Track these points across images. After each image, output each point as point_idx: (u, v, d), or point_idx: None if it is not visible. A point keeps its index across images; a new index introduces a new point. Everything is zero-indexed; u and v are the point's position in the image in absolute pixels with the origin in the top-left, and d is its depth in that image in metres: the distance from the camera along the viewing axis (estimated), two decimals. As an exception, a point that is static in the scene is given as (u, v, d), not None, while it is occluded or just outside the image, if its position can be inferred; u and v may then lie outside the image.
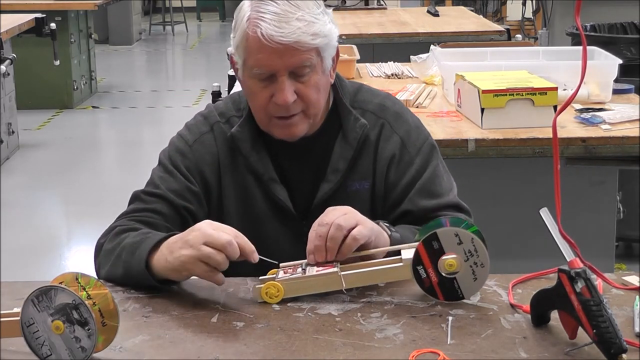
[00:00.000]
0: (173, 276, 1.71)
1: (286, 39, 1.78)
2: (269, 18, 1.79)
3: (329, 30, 1.85)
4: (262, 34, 1.78)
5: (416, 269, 1.66)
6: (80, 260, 4.73)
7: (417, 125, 2.00)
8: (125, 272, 1.76)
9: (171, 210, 1.92)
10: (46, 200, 5.75)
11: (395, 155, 1.94)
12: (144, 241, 1.76)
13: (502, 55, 3.64)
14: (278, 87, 1.83)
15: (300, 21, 1.79)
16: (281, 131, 1.90)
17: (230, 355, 1.49)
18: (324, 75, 1.87)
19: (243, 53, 1.84)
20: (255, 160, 1.94)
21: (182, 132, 2.01)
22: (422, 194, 1.92)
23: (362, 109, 1.98)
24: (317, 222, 1.71)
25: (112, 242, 1.83)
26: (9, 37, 6.16)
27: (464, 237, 1.64)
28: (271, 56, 1.80)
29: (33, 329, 1.45)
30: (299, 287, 1.68)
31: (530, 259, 2.89)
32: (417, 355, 1.46)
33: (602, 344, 1.40)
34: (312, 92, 1.86)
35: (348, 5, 6.90)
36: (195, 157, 1.96)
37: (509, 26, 6.00)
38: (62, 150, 6.85)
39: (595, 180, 3.06)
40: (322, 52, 1.84)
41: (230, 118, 1.98)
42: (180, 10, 13.45)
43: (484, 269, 1.65)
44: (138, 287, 1.75)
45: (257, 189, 1.95)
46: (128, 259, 1.76)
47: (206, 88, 8.70)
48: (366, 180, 1.95)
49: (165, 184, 1.94)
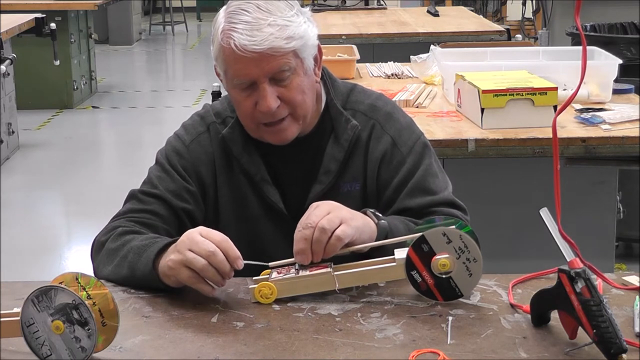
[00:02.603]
0: (166, 281, 1.71)
1: (260, 47, 1.78)
2: (241, 28, 1.79)
3: (305, 31, 1.84)
4: (235, 45, 1.79)
5: (410, 274, 1.66)
6: (80, 260, 4.73)
7: (408, 125, 2.00)
8: (130, 273, 1.76)
9: (168, 211, 1.92)
10: (46, 200, 5.76)
11: (386, 154, 1.94)
12: (152, 245, 1.76)
13: (502, 55, 3.64)
14: (260, 94, 1.83)
15: (273, 26, 1.79)
16: (272, 137, 1.90)
17: (230, 355, 1.49)
18: (306, 76, 1.87)
19: (222, 65, 1.86)
20: (247, 161, 1.94)
21: (179, 132, 2.01)
22: (416, 192, 1.92)
23: (354, 109, 1.98)
24: (302, 224, 1.70)
25: (115, 242, 1.83)
26: (9, 37, 6.16)
27: (452, 235, 1.64)
28: (248, 65, 1.80)
29: (33, 329, 1.45)
30: (292, 287, 1.69)
31: (530, 259, 2.89)
32: (417, 355, 1.46)
33: (602, 344, 1.40)
34: (296, 95, 1.85)
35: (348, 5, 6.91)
36: (192, 157, 1.96)
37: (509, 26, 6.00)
38: (62, 150, 6.85)
39: (595, 180, 3.06)
40: (301, 54, 1.84)
41: (225, 118, 1.99)
42: (180, 10, 13.46)
43: (477, 263, 1.65)
44: (140, 287, 1.76)
45: (249, 189, 1.95)
46: (134, 260, 1.76)
47: (206, 88, 8.70)
48: (357, 182, 1.95)
49: (163, 184, 1.94)
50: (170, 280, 1.70)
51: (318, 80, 1.94)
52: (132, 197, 1.96)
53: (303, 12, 1.87)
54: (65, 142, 7.04)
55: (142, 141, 7.25)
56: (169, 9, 13.44)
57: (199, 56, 11.55)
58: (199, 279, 1.65)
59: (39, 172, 6.29)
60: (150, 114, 8.18)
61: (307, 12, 1.89)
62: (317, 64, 1.93)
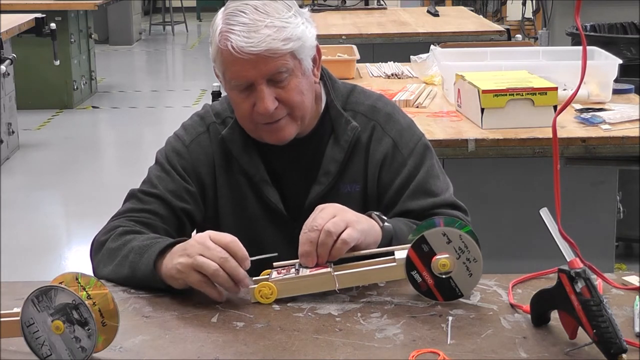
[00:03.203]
0: (171, 283, 1.70)
1: (256, 49, 1.78)
2: (238, 30, 1.79)
3: (302, 32, 1.83)
4: (232, 47, 1.79)
5: (410, 274, 1.66)
6: (80, 260, 4.73)
7: (409, 126, 2.00)
8: (131, 272, 1.76)
9: (168, 211, 1.92)
10: (46, 200, 5.76)
11: (387, 156, 1.94)
12: (154, 245, 1.76)
13: (502, 55, 3.64)
14: (258, 96, 1.83)
15: (270, 28, 1.79)
16: (270, 136, 1.90)
17: (230, 355, 1.49)
18: (304, 76, 1.87)
19: (220, 66, 1.86)
20: (247, 162, 1.94)
21: (178, 132, 2.01)
22: (417, 194, 1.92)
23: (354, 111, 1.98)
24: (307, 226, 1.70)
25: (116, 241, 1.83)
26: (9, 37, 6.16)
27: (452, 235, 1.64)
28: (245, 67, 1.80)
29: (33, 329, 1.45)
30: (292, 287, 1.69)
31: (530, 259, 2.89)
32: (417, 355, 1.46)
33: (602, 344, 1.40)
34: (294, 96, 1.85)
35: (348, 5, 6.91)
36: (192, 157, 1.96)
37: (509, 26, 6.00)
38: (62, 150, 6.85)
39: (595, 180, 3.06)
40: (298, 55, 1.84)
41: (225, 119, 1.98)
42: (180, 10, 13.46)
43: (477, 263, 1.65)
44: (140, 287, 1.75)
45: (249, 190, 1.95)
46: (135, 260, 1.76)
47: (206, 88, 8.70)
48: (357, 183, 1.95)
49: (163, 183, 1.94)
50: (177, 282, 1.69)
51: (317, 80, 1.94)
52: (132, 196, 1.96)
53: (301, 13, 1.87)
54: (65, 142, 7.04)
55: (142, 141, 7.25)
56: (169, 9, 13.44)
57: (199, 56, 11.55)
58: (209, 283, 1.65)
59: (39, 172, 6.29)
60: (150, 114, 8.18)
61: (305, 12, 1.89)
62: (316, 64, 1.92)
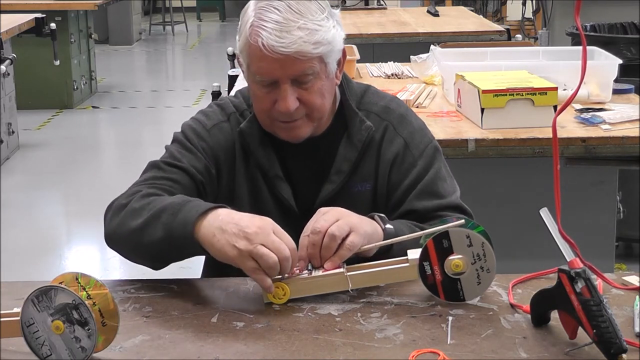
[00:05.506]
0: (214, 253, 1.66)
1: (287, 50, 1.77)
2: (270, 27, 1.77)
3: (333, 36, 1.83)
4: (262, 44, 1.77)
5: (422, 264, 1.66)
6: (80, 260, 4.74)
7: (421, 128, 2.00)
8: (165, 233, 1.70)
9: (192, 183, 1.89)
10: (46, 200, 5.76)
11: (397, 156, 1.95)
12: (187, 204, 1.71)
13: (502, 55, 3.64)
14: (280, 94, 1.83)
15: (302, 30, 1.78)
16: (285, 133, 1.90)
17: (230, 355, 1.49)
18: (328, 79, 1.87)
19: (246, 58, 1.85)
20: (262, 156, 1.94)
21: (198, 116, 1.99)
22: (423, 195, 1.92)
23: (368, 110, 1.98)
24: (310, 229, 1.70)
25: (140, 202, 1.78)
26: (9, 37, 6.16)
27: (475, 240, 1.64)
28: (272, 65, 1.80)
29: (33, 329, 1.45)
30: (305, 287, 1.68)
31: (530, 259, 2.89)
32: (417, 355, 1.46)
33: (602, 344, 1.40)
34: (315, 98, 1.85)
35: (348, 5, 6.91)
36: (213, 140, 1.94)
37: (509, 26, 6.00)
38: (62, 150, 6.85)
39: (595, 180, 3.06)
40: (326, 59, 1.83)
41: (243, 111, 1.98)
42: (180, 10, 13.45)
43: (489, 274, 1.65)
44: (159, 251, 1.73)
45: (263, 184, 1.95)
46: (169, 220, 1.70)
47: (206, 88, 8.70)
48: (368, 182, 1.95)
49: (186, 158, 1.91)
50: (221, 257, 1.64)
51: (338, 82, 1.94)
52: (153, 166, 1.92)
53: (333, 15, 1.85)
54: (65, 142, 7.04)
55: (142, 141, 7.25)
56: (169, 9, 13.44)
57: (199, 56, 11.56)
58: (261, 272, 1.62)
59: (39, 172, 6.29)
60: (150, 114, 8.18)
61: (336, 14, 1.87)
62: (340, 67, 1.92)
